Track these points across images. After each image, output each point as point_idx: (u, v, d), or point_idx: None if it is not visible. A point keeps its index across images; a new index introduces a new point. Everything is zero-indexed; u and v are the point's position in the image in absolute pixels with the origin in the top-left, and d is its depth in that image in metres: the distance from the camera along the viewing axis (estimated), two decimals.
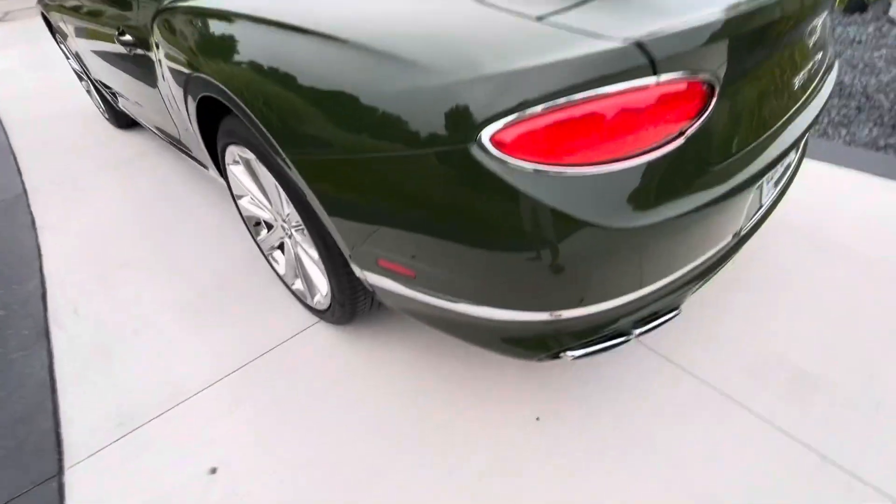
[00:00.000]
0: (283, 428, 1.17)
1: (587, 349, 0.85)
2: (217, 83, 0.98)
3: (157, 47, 1.29)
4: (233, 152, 1.22)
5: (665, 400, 1.17)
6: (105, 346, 1.45)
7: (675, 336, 1.32)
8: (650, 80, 0.62)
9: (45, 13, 2.53)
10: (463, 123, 0.65)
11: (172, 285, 1.66)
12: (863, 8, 3.46)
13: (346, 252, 0.98)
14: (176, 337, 1.45)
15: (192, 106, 1.21)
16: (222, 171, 1.44)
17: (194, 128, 1.31)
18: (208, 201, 2.12)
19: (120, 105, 2.40)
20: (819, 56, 1.00)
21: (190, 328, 1.48)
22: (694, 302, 1.41)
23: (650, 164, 0.67)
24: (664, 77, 0.63)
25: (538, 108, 0.62)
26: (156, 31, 1.26)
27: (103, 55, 1.98)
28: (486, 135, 0.64)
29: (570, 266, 0.71)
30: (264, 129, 0.90)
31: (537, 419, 1.15)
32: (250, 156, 1.14)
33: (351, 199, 0.84)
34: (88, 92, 3.04)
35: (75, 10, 2.00)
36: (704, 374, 1.22)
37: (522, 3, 0.70)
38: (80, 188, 2.33)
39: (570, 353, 0.85)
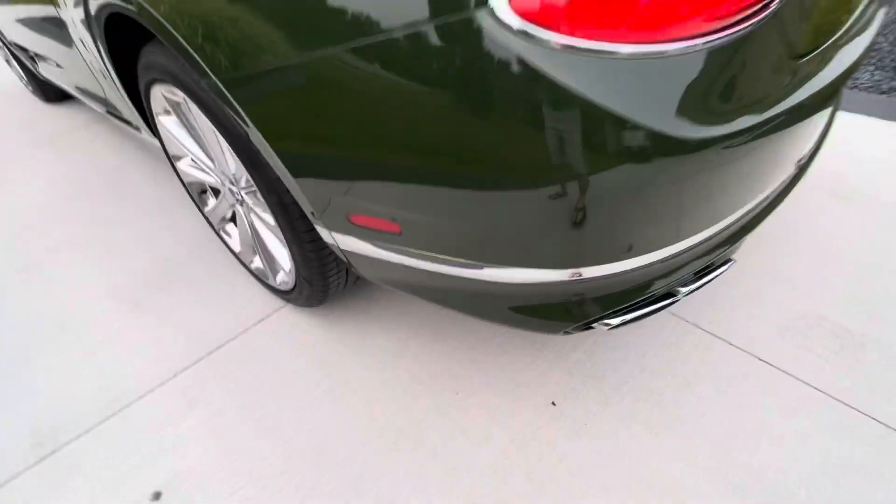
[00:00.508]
0: (244, 435, 0.96)
1: (629, 315, 0.66)
2: None
3: None
4: (158, 95, 0.97)
5: (697, 370, 1.01)
6: (24, 347, 1.19)
7: (698, 300, 1.15)
8: None
9: None
10: None
11: (111, 270, 1.40)
12: None
13: (307, 209, 0.76)
14: (113, 331, 1.21)
15: (99, 31, 0.94)
16: (153, 128, 1.17)
17: (106, 64, 1.04)
18: (151, 175, 1.84)
19: (41, 71, 2.06)
20: None
21: (130, 320, 1.23)
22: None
23: (727, 47, 0.48)
24: None
25: None
26: None
27: (17, 13, 1.65)
28: None
29: (621, 196, 0.51)
30: (190, 49, 0.66)
31: (553, 403, 0.97)
32: (178, 97, 0.89)
33: (305, 130, 0.61)
34: (8, 61, 2.65)
35: None
36: (737, 339, 1.06)
37: None
38: (6, 169, 2.00)
39: (607, 321, 0.66)
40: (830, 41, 0.65)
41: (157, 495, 0.87)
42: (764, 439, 0.89)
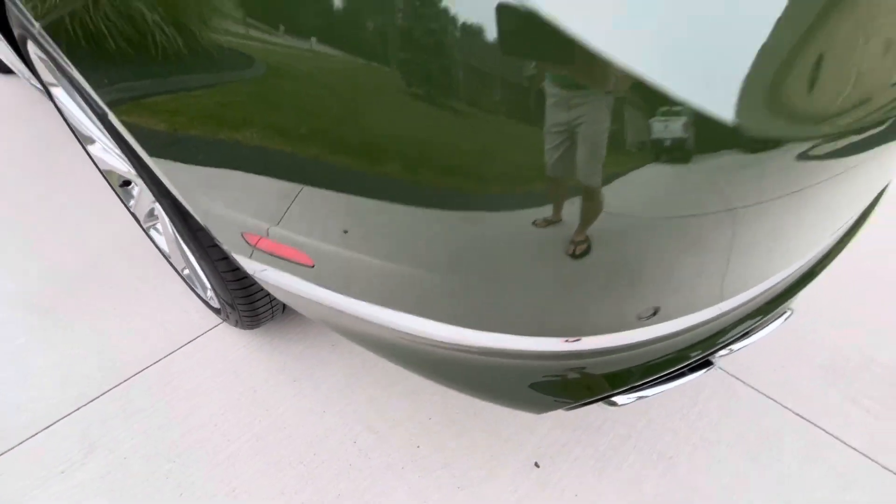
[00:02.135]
0: (147, 493, 0.76)
1: (654, 389, 0.45)
2: None
3: None
4: (32, 54, 0.74)
5: (717, 425, 0.81)
6: None
7: None
8: None
9: None
10: None
11: (23, 271, 1.19)
12: None
13: (200, 219, 0.54)
14: (13, 348, 1.00)
15: None
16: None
17: None
18: (86, 164, 1.61)
19: None
20: None
21: (34, 335, 1.03)
22: None
23: None
24: None
25: None
26: None
27: None
28: None
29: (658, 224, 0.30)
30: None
31: (536, 465, 0.78)
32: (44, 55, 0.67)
33: (164, 110, 0.40)
34: None
35: None
36: (770, 387, 0.86)
37: None
38: None
39: (624, 396, 0.46)
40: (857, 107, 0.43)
41: None
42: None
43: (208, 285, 0.82)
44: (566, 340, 0.39)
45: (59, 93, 0.82)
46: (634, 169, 0.28)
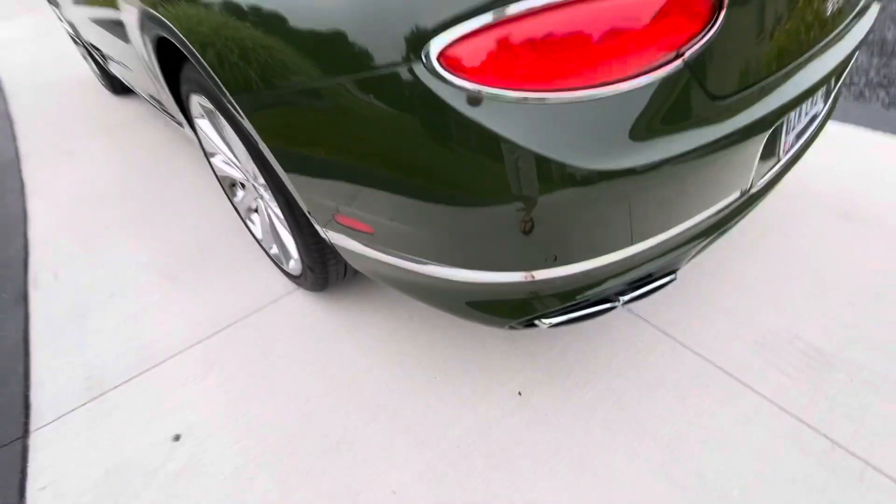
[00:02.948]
0: (252, 394, 1.12)
1: (565, 316, 0.75)
2: (165, 21, 0.88)
3: None
4: (195, 103, 1.14)
5: (661, 376, 1.07)
6: (81, 310, 1.41)
7: (676, 309, 1.21)
8: None
9: None
10: (402, 36, 0.54)
11: (153, 248, 1.61)
12: None
13: (304, 208, 0.89)
14: (152, 301, 1.41)
15: (151, 49, 1.12)
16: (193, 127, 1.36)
17: (158, 74, 1.22)
18: (194, 165, 2.06)
19: (110, 67, 2.33)
20: None
21: (167, 292, 1.43)
22: (698, 271, 1.30)
23: (640, 92, 0.56)
24: None
25: (500, 14, 0.51)
26: None
27: (89, 15, 1.90)
28: (433, 50, 0.53)
29: (544, 217, 0.60)
30: (211, 71, 0.81)
31: (519, 393, 1.07)
32: (209, 106, 1.05)
33: (298, 147, 0.74)
34: (84, 58, 2.98)
35: None
36: (707, 350, 1.11)
37: None
38: (72, 153, 2.29)
39: (545, 320, 0.75)
40: (776, 75, 0.71)
41: (177, 437, 1.05)
42: (712, 444, 0.95)
43: (295, 256, 1.18)
44: (523, 275, 0.69)
45: (203, 123, 1.21)
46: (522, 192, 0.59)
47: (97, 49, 2.29)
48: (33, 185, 2.07)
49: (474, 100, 0.54)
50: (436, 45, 0.53)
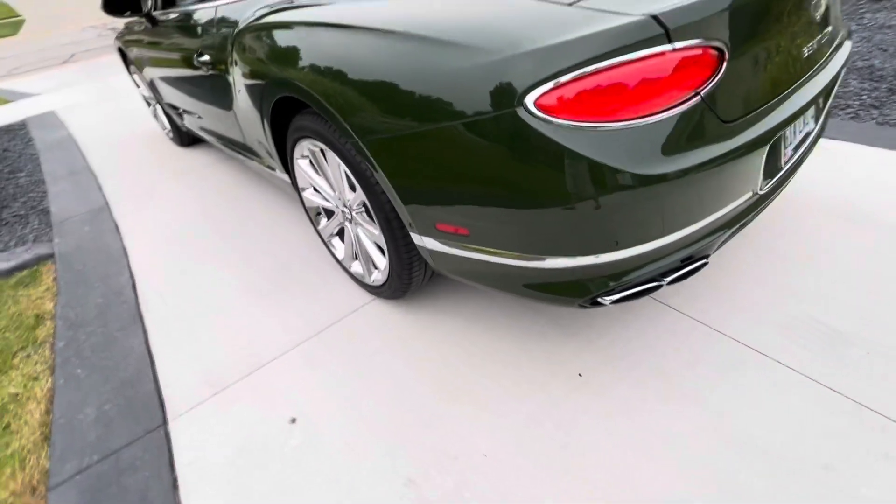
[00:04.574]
0: (351, 384, 1.33)
1: (623, 293, 0.96)
2: (297, 83, 1.16)
3: (234, 63, 1.51)
4: (302, 147, 1.41)
5: (699, 356, 1.25)
6: (190, 325, 1.65)
7: (707, 301, 1.40)
8: (666, 48, 0.75)
9: (123, 48, 2.88)
10: (511, 91, 0.79)
11: (243, 273, 1.86)
12: None
13: (406, 220, 1.13)
14: (250, 315, 1.64)
15: (267, 109, 1.41)
16: (287, 168, 1.64)
17: (267, 129, 1.51)
18: (265, 201, 2.35)
19: (185, 124, 2.69)
20: (828, 29, 1.10)
21: (261, 308, 1.66)
22: (724, 268, 1.49)
23: (669, 120, 0.80)
24: (678, 44, 0.76)
25: (573, 75, 0.76)
26: (234, 49, 1.48)
27: (175, 80, 2.26)
28: (530, 99, 0.78)
29: (607, 210, 0.83)
30: (340, 119, 1.07)
31: (580, 375, 1.26)
32: (317, 147, 1.32)
33: (415, 172, 0.99)
34: (154, 116, 3.39)
35: (154, 42, 2.29)
36: (737, 333, 1.30)
37: None
38: (154, 197, 2.61)
39: (607, 297, 0.96)
40: (770, 102, 0.94)
41: (293, 420, 1.25)
42: (754, 409, 1.12)
43: (382, 267, 1.41)
44: (593, 258, 0.90)
45: (303, 163, 1.48)
46: (603, 193, 0.82)
47: (175, 108, 2.67)
48: (125, 226, 2.37)
49: (559, 128, 0.79)
50: (532, 96, 0.78)
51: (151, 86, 2.80)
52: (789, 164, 1.13)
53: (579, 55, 0.75)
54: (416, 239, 1.16)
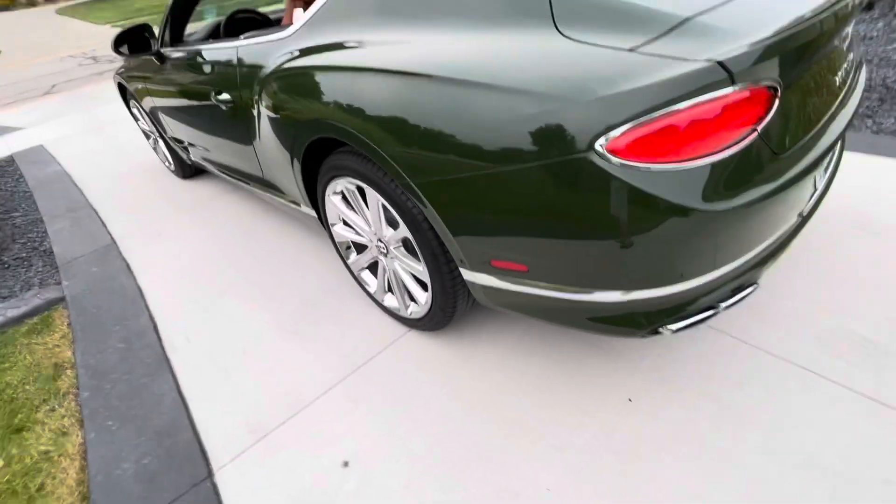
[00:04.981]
0: (399, 420, 1.31)
1: (685, 321, 0.98)
2: (343, 126, 1.16)
3: (260, 103, 1.51)
4: (336, 184, 1.41)
5: (745, 375, 1.28)
6: (221, 365, 1.61)
7: (744, 319, 1.43)
8: (730, 90, 0.78)
9: (125, 83, 2.85)
10: (583, 136, 0.81)
11: (268, 308, 1.83)
12: (869, 6, 3.62)
13: (458, 257, 1.14)
14: (282, 353, 1.61)
15: (300, 149, 1.41)
16: (314, 203, 1.63)
17: (297, 167, 1.50)
18: (280, 233, 2.32)
19: (192, 156, 2.66)
20: (851, 56, 1.16)
21: (293, 345, 1.64)
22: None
23: (732, 157, 0.83)
24: (740, 86, 0.79)
25: (644, 119, 0.78)
26: (262, 90, 1.48)
27: (185, 115, 2.25)
28: (602, 143, 0.80)
29: (676, 244, 0.85)
30: (392, 161, 1.07)
31: (630, 400, 1.27)
32: (353, 185, 1.32)
33: (473, 212, 1.00)
34: (154, 149, 3.35)
35: (163, 79, 2.28)
36: (777, 349, 1.32)
37: (611, 39, 0.86)
38: (162, 232, 2.57)
39: (670, 326, 0.98)
40: (815, 130, 0.98)
41: (345, 463, 1.23)
42: (805, 424, 1.14)
43: (423, 301, 1.40)
44: (659, 290, 0.92)
45: (335, 199, 1.48)
46: (665, 227, 0.84)
47: (179, 141, 2.64)
48: (137, 263, 2.32)
49: (632, 171, 0.81)
50: (604, 140, 0.80)
51: (155, 119, 2.77)
52: (825, 181, 1.18)
53: (650, 101, 0.77)
54: (467, 275, 1.17)
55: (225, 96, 1.72)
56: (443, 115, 0.96)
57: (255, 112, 1.58)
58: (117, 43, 2.15)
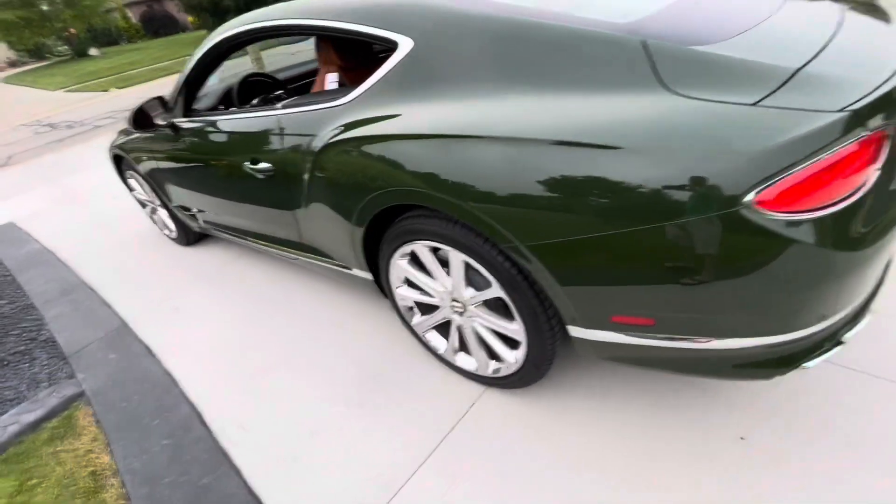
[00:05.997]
0: (503, 491, 1.23)
1: (821, 357, 0.98)
2: (432, 193, 1.13)
3: (313, 172, 1.47)
4: (409, 248, 1.36)
5: (862, 405, 1.26)
6: (290, 453, 1.49)
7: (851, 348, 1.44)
8: (862, 135, 0.81)
9: (123, 154, 2.73)
10: (731, 192, 0.82)
11: (322, 381, 1.72)
12: None
13: (569, 315, 1.11)
14: (355, 431, 1.51)
15: (367, 217, 1.36)
16: (372, 266, 1.58)
17: (357, 235, 1.45)
18: (313, 297, 2.22)
19: (200, 223, 2.55)
20: None
21: (364, 420, 1.54)
22: None
23: (864, 197, 0.85)
24: (870, 131, 0.82)
25: (789, 173, 0.80)
26: (318, 159, 1.43)
27: (200, 183, 2.17)
28: (752, 197, 0.80)
29: (821, 287, 0.86)
30: (495, 225, 1.05)
31: (742, 438, 1.24)
32: (427, 247, 1.29)
33: (599, 272, 0.98)
34: (152, 218, 3.19)
35: (175, 149, 2.20)
36: (883, 372, 1.33)
37: (725, 94, 0.88)
38: (178, 309, 2.41)
39: (806, 364, 0.98)
40: None
41: None
42: None
43: (512, 360, 1.35)
44: (802, 332, 0.92)
45: (402, 262, 1.43)
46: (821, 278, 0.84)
47: (187, 209, 2.53)
48: (158, 346, 2.15)
49: (780, 223, 0.81)
50: (752, 195, 0.81)
51: (158, 189, 2.65)
52: None
53: (798, 153, 0.79)
54: (578, 332, 1.13)
55: (263, 165, 1.66)
56: (563, 178, 0.95)
57: (303, 181, 1.53)
58: (136, 122, 2.07)
